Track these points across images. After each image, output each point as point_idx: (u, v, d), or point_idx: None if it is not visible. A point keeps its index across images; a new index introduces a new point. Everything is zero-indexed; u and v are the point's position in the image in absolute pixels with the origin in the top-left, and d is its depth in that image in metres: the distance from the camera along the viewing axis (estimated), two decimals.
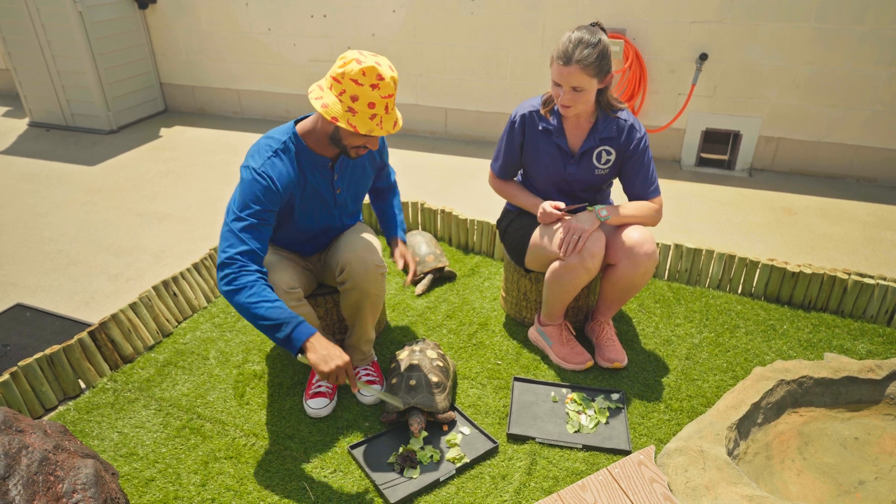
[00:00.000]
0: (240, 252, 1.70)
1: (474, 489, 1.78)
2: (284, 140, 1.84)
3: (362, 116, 1.68)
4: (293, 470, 1.84)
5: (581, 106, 2.03)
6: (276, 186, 1.78)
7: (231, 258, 1.69)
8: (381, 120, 1.70)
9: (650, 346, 2.38)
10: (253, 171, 1.77)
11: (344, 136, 1.76)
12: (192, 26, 4.98)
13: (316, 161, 1.87)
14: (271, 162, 1.79)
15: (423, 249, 2.78)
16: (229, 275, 1.68)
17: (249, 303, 1.64)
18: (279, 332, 1.64)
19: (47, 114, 4.99)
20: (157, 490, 1.77)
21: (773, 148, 4.04)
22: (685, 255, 2.76)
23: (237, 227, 1.73)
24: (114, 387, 2.17)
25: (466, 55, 4.40)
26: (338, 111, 1.68)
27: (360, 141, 1.76)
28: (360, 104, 1.67)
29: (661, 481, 1.63)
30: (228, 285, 1.68)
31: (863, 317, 2.54)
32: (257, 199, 1.75)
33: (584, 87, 1.97)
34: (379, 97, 1.67)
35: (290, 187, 1.84)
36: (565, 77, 1.96)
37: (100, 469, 1.25)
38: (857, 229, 3.35)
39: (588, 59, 1.92)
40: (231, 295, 1.67)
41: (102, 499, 1.17)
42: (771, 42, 3.73)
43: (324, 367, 1.62)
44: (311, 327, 1.67)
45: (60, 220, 3.48)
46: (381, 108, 1.69)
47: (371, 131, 1.69)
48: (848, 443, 1.89)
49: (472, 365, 2.28)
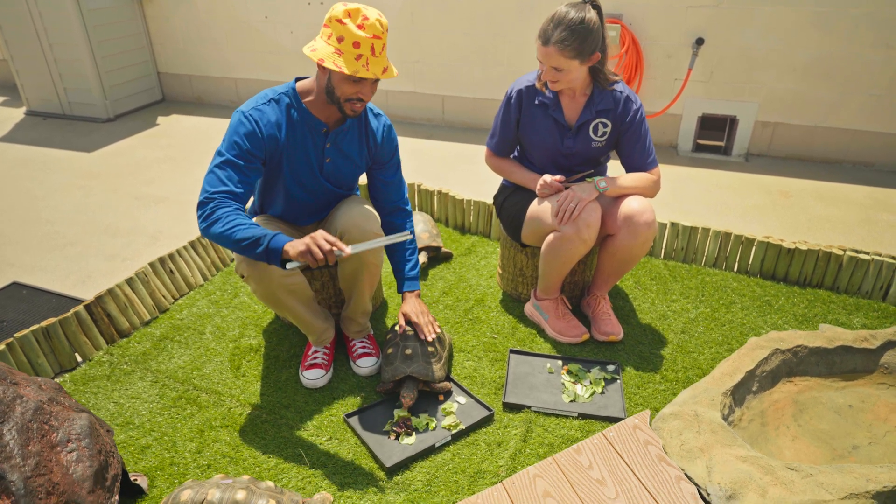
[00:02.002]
0: (218, 191, 1.71)
1: (469, 455, 1.78)
2: (281, 92, 1.86)
3: (348, 57, 1.68)
4: (289, 437, 1.84)
5: (566, 83, 2.03)
6: (260, 132, 1.78)
7: (208, 197, 1.70)
8: (367, 61, 1.69)
9: (646, 321, 2.39)
10: (241, 114, 1.79)
11: (335, 83, 1.75)
12: (189, 15, 4.98)
13: (311, 122, 1.87)
14: (261, 108, 1.81)
15: (418, 227, 2.77)
16: (204, 213, 1.69)
17: (226, 230, 1.65)
18: (259, 248, 1.63)
19: (44, 102, 4.99)
20: (153, 456, 1.77)
21: (770, 133, 4.04)
22: (681, 233, 2.76)
23: (219, 168, 1.74)
24: (110, 360, 2.17)
25: (463, 42, 4.41)
26: (325, 53, 1.69)
27: (352, 89, 1.74)
28: (346, 44, 1.67)
29: (656, 444, 1.63)
30: (205, 221, 1.68)
31: (858, 292, 2.54)
32: (241, 140, 1.76)
33: (564, 67, 1.96)
34: (364, 37, 1.66)
35: (275, 137, 1.83)
36: (545, 56, 1.97)
37: (94, 423, 1.25)
38: (853, 211, 3.35)
39: (565, 41, 1.91)
40: (208, 229, 1.68)
41: (97, 449, 1.17)
42: (767, 26, 3.74)
43: (300, 247, 1.57)
44: (285, 236, 1.64)
45: (57, 202, 3.48)
46: (367, 48, 1.68)
47: (357, 72, 1.68)
48: (842, 410, 1.90)
49: (468, 339, 2.28)
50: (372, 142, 2.01)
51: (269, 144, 1.83)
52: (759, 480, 1.48)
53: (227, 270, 2.72)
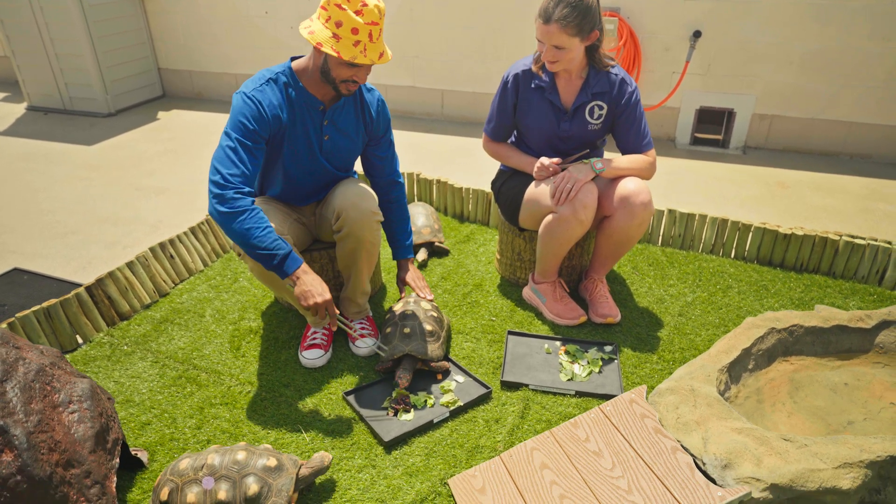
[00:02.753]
0: (233, 174, 1.72)
1: (468, 431, 1.79)
2: (278, 72, 1.87)
3: (346, 43, 1.70)
4: (288, 414, 1.86)
5: (566, 63, 2.05)
6: (264, 112, 1.81)
7: (226, 179, 1.71)
8: (364, 47, 1.71)
9: (643, 304, 2.40)
10: (244, 95, 1.81)
11: (331, 66, 1.78)
12: (190, 11, 5.01)
13: (308, 100, 1.89)
14: (261, 89, 1.83)
15: (420, 221, 2.77)
16: (225, 196, 1.69)
17: (245, 229, 1.68)
18: (272, 261, 1.69)
19: (45, 97, 5.01)
20: (153, 432, 1.78)
21: (767, 126, 4.06)
22: (678, 220, 2.78)
23: (230, 149, 1.75)
24: (110, 341, 2.19)
25: (462, 36, 4.43)
26: (323, 37, 1.71)
27: (348, 72, 1.77)
28: (344, 30, 1.69)
29: (652, 416, 1.64)
30: (224, 206, 1.69)
31: (854, 277, 2.56)
32: (247, 121, 1.78)
33: (566, 45, 1.98)
34: (362, 23, 1.68)
35: (279, 117, 1.85)
36: (546, 35, 1.98)
37: (95, 387, 1.27)
38: (851, 201, 3.37)
39: (567, 17, 1.92)
40: (227, 218, 1.69)
41: (98, 412, 1.18)
42: (765, 19, 3.76)
43: (303, 301, 1.69)
44: (298, 259, 1.71)
45: (58, 193, 3.49)
46: (365, 34, 1.70)
47: (354, 58, 1.70)
48: (838, 388, 1.91)
49: (466, 321, 2.30)
50: (368, 117, 2.03)
51: (273, 125, 1.85)
52: (754, 450, 1.50)
53: (227, 257, 2.74)
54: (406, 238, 2.22)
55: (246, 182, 1.74)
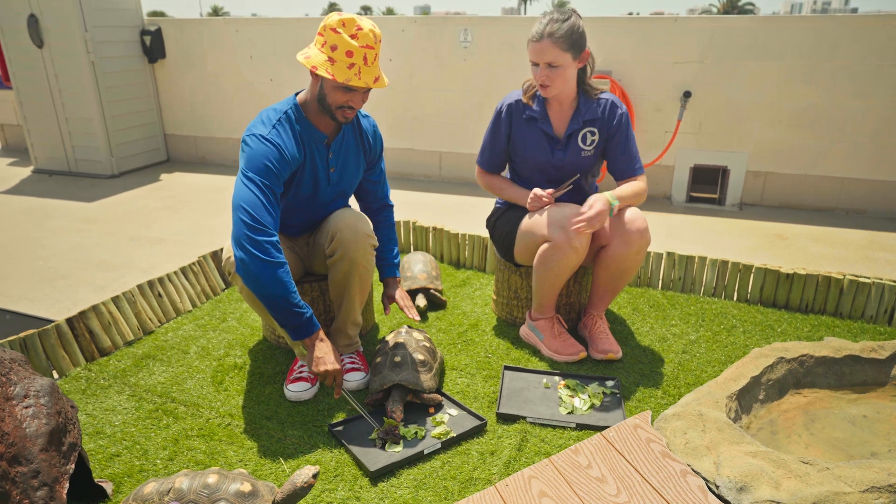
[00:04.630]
0: (267, 221, 1.68)
1: (461, 463, 1.66)
2: (286, 110, 1.85)
3: (340, 66, 1.71)
4: (268, 446, 1.73)
5: (560, 85, 2.06)
6: (286, 155, 1.79)
7: (263, 224, 1.67)
8: (359, 70, 1.72)
9: (645, 343, 2.31)
10: (261, 139, 1.76)
11: (327, 90, 1.78)
12: (198, 78, 5.21)
13: (314, 134, 1.88)
14: (276, 131, 1.80)
15: (417, 267, 2.67)
16: (262, 244, 1.65)
17: (282, 282, 1.66)
18: (296, 320, 1.69)
19: (51, 160, 5.12)
20: (122, 464, 1.65)
21: (762, 182, 4.10)
22: (678, 262, 2.73)
23: (259, 192, 1.70)
24: (87, 375, 2.08)
25: (460, 100, 4.58)
26: (318, 61, 1.72)
27: (344, 97, 1.77)
28: (339, 53, 1.70)
29: (659, 441, 1.52)
30: (262, 254, 1.65)
31: (862, 317, 2.48)
32: (272, 164, 1.74)
33: (559, 61, 2.01)
34: (357, 46, 1.70)
35: (297, 158, 1.84)
36: (539, 52, 2.01)
37: (57, 389, 1.18)
38: (851, 250, 3.34)
39: (558, 31, 1.98)
40: (264, 266, 1.64)
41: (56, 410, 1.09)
42: (750, 80, 3.89)
43: (314, 367, 1.70)
44: (317, 324, 1.74)
45: (53, 242, 3.48)
46: (360, 57, 1.71)
47: (349, 80, 1.71)
48: (856, 420, 1.79)
49: (460, 358, 2.20)
50: (366, 143, 2.04)
51: (293, 166, 1.84)
52: (771, 473, 1.37)
53: (216, 298, 2.67)
54: (393, 256, 2.19)
55: (277, 229, 1.72)
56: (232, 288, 2.78)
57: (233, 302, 2.64)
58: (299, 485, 1.28)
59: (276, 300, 1.67)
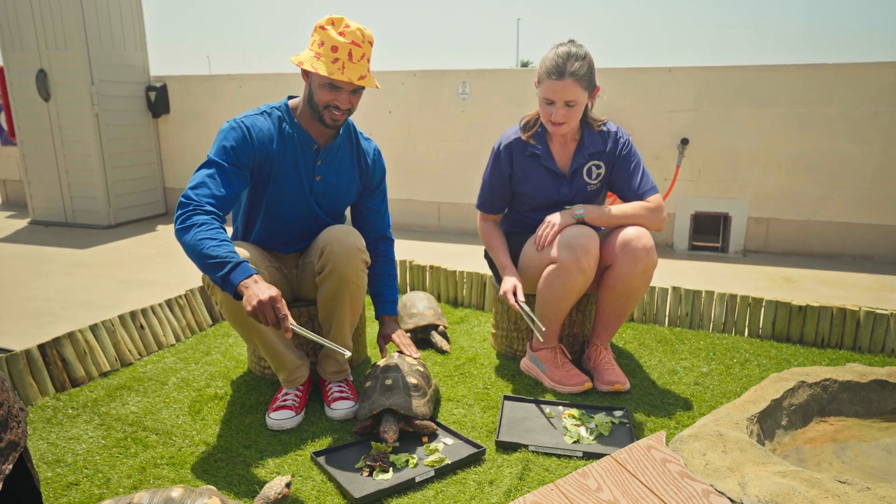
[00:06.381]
0: (200, 193, 1.64)
1: (456, 493, 1.49)
2: (273, 107, 1.87)
3: (325, 60, 1.70)
4: (244, 475, 1.57)
5: (573, 121, 2.00)
6: (251, 139, 1.76)
7: (188, 198, 1.63)
8: (343, 65, 1.70)
9: (654, 376, 2.17)
10: (232, 122, 1.79)
11: (314, 89, 1.76)
12: (200, 133, 5.28)
13: (302, 137, 1.85)
14: (253, 118, 1.81)
15: (421, 304, 2.53)
16: (182, 214, 1.61)
17: (196, 240, 1.55)
18: (220, 272, 1.52)
19: (49, 210, 5.09)
20: (79, 493, 1.49)
21: (765, 228, 4.05)
22: (684, 297, 2.63)
23: (204, 169, 1.70)
24: (55, 405, 1.93)
25: (458, 150, 4.61)
26: (305, 57, 1.73)
27: (329, 95, 1.74)
28: (325, 48, 1.70)
29: (676, 461, 1.37)
30: (180, 224, 1.60)
31: (882, 351, 2.34)
32: (230, 145, 1.74)
33: (578, 100, 1.94)
34: (343, 42, 1.69)
35: (266, 147, 1.80)
36: (559, 92, 1.92)
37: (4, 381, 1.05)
38: (861, 292, 3.23)
39: (580, 70, 1.91)
40: (181, 235, 1.59)
41: None
42: (747, 126, 3.92)
43: (247, 307, 1.46)
44: (251, 269, 1.53)
45: (41, 284, 3.38)
46: (345, 52, 1.69)
47: (332, 74, 1.68)
48: (892, 448, 1.64)
49: (458, 390, 2.05)
50: (364, 164, 1.99)
51: (259, 153, 1.80)
52: (805, 493, 1.22)
53: (202, 333, 2.55)
54: (392, 293, 2.07)
55: (214, 203, 1.65)
56: (220, 323, 2.66)
57: (219, 337, 2.51)
58: (273, 497, 1.13)
59: (197, 260, 1.56)
